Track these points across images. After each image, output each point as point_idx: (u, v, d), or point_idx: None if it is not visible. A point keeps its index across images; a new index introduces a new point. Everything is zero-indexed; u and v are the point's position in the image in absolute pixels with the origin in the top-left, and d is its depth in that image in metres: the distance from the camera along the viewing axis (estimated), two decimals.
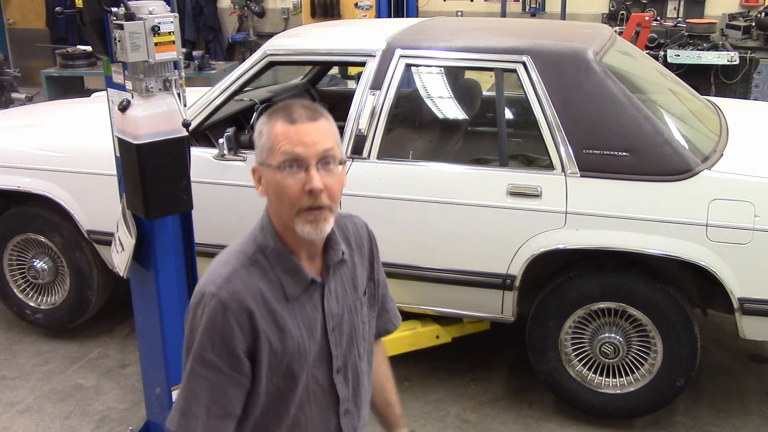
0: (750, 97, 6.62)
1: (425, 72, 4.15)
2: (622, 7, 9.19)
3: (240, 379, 1.52)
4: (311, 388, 1.61)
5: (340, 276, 1.64)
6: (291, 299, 1.55)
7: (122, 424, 3.39)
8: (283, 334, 1.54)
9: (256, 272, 1.53)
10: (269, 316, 1.52)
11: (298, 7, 10.33)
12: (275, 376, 1.55)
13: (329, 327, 1.60)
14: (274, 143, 1.49)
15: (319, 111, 1.54)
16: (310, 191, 1.48)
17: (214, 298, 1.49)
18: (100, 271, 3.85)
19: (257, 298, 1.51)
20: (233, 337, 1.48)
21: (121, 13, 2.45)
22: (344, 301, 1.64)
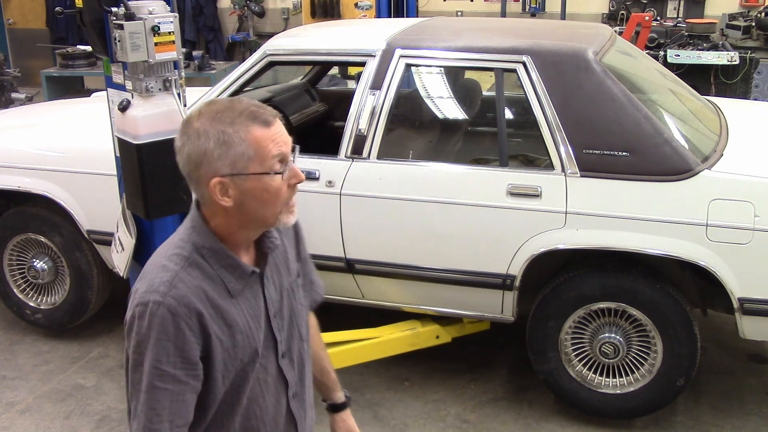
0: (750, 97, 6.62)
1: (425, 72, 4.16)
2: (622, 7, 9.19)
3: (196, 386, 1.49)
4: (261, 376, 1.61)
5: (275, 261, 1.64)
6: (234, 294, 1.53)
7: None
8: (232, 330, 1.52)
9: (197, 273, 1.49)
10: (217, 315, 1.50)
11: (298, 7, 10.33)
12: (228, 373, 1.54)
13: (271, 314, 1.60)
14: (257, 150, 1.46)
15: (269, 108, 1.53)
16: (297, 183, 1.52)
17: (161, 307, 1.44)
18: (100, 271, 3.85)
19: (203, 298, 1.48)
20: (187, 343, 1.45)
21: (121, 13, 2.45)
22: (281, 285, 1.65)
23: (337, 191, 3.30)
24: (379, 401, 3.54)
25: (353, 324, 3.50)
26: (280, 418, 1.67)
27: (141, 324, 1.45)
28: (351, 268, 3.38)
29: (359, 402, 3.54)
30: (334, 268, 3.40)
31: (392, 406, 3.50)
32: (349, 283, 3.45)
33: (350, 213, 3.30)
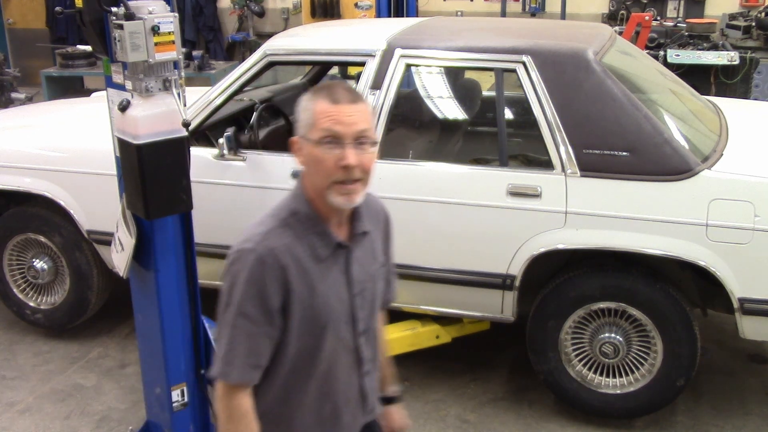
0: (750, 97, 6.61)
1: (425, 72, 4.15)
2: (622, 7, 9.19)
3: (271, 332, 1.65)
4: (338, 348, 1.74)
5: (364, 246, 1.78)
6: (320, 260, 1.68)
7: (122, 424, 3.39)
8: (313, 292, 1.67)
9: (289, 233, 1.66)
10: (301, 273, 1.65)
11: (298, 7, 10.33)
12: (304, 332, 1.68)
13: (354, 291, 1.74)
14: (315, 120, 1.63)
15: (359, 95, 1.69)
16: (345, 167, 1.61)
17: (252, 254, 1.63)
18: (100, 271, 3.85)
19: (290, 255, 1.64)
20: (268, 291, 1.62)
21: (121, 13, 2.44)
22: (367, 269, 1.78)
23: None
24: None
25: None
26: (352, 391, 1.81)
27: (234, 268, 1.65)
28: None
29: None
30: None
31: None
32: None
33: None
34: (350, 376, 1.79)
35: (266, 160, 3.44)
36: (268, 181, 3.40)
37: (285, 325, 1.67)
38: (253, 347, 1.65)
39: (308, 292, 1.66)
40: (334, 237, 1.70)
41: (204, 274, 3.19)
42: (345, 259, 1.73)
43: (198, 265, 2.89)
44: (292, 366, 1.72)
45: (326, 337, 1.71)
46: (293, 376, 1.73)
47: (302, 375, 1.73)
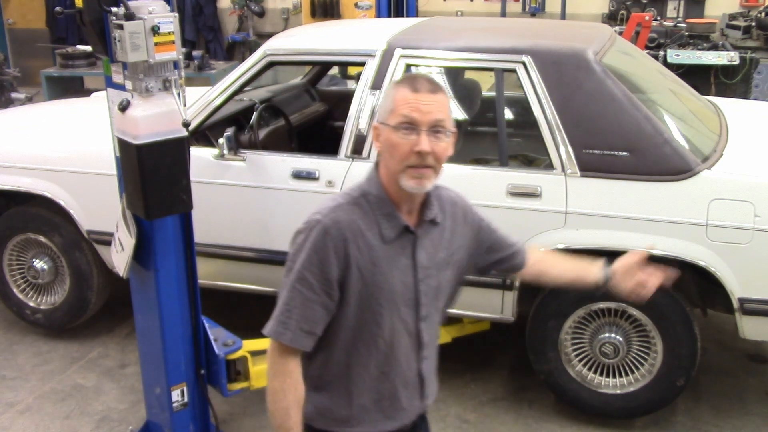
0: (750, 97, 6.62)
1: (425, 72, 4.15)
2: (622, 7, 9.19)
3: (327, 303, 1.73)
4: (400, 330, 1.80)
5: (433, 235, 1.83)
6: (386, 241, 1.75)
7: (122, 424, 3.39)
8: (375, 269, 1.73)
9: (358, 211, 1.74)
10: (364, 249, 1.72)
11: (298, 7, 10.33)
12: (363, 308, 1.75)
13: (419, 277, 1.80)
14: (395, 106, 1.71)
15: (439, 86, 1.75)
16: (419, 152, 1.68)
17: (318, 224, 1.71)
18: (100, 271, 3.85)
19: (355, 230, 1.72)
20: (329, 261, 1.70)
21: (121, 13, 2.45)
22: (435, 258, 1.82)
23: (337, 191, 3.30)
24: None
25: None
26: (411, 375, 1.86)
27: (300, 236, 1.74)
28: None
29: None
30: None
31: None
32: None
33: None
34: (410, 360, 1.84)
35: (266, 160, 3.44)
36: (268, 181, 3.40)
37: (343, 297, 1.73)
38: (308, 314, 1.72)
39: (370, 268, 1.73)
40: (402, 220, 1.76)
41: (204, 274, 3.20)
42: (412, 244, 1.78)
43: (198, 265, 2.89)
44: (352, 341, 1.78)
45: (386, 317, 1.77)
46: (354, 351, 1.79)
47: (363, 351, 1.79)
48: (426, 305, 1.83)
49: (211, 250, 3.50)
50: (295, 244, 1.75)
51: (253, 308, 4.21)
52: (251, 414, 3.46)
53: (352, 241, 1.71)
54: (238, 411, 3.47)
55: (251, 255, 3.50)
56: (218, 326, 3.12)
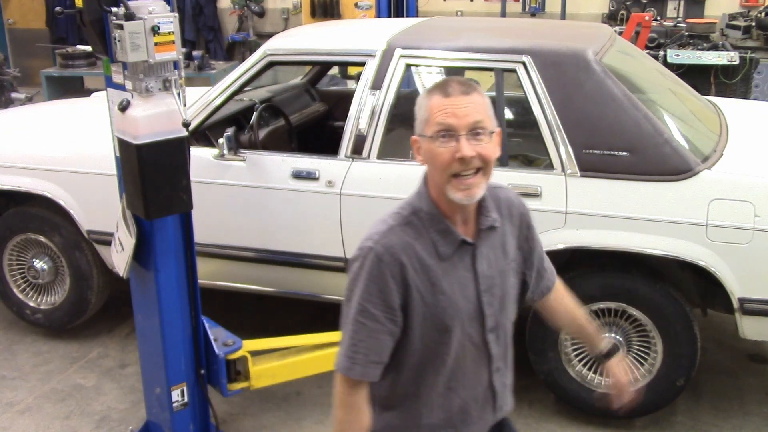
0: (750, 97, 6.61)
1: (425, 72, 4.16)
2: (622, 7, 9.18)
3: (393, 329, 1.68)
4: (466, 345, 1.75)
5: (492, 241, 1.77)
6: (443, 258, 1.69)
7: (122, 424, 3.39)
8: (435, 289, 1.68)
9: (411, 231, 1.68)
10: (422, 271, 1.67)
11: (298, 7, 10.32)
12: (428, 329, 1.70)
13: (482, 288, 1.74)
14: (429, 115, 1.64)
15: (473, 86, 1.66)
16: (461, 159, 1.61)
17: (371, 252, 1.66)
18: (100, 271, 3.85)
19: (410, 253, 1.66)
20: (388, 288, 1.65)
21: (121, 13, 2.45)
22: (496, 265, 1.77)
23: (337, 191, 3.30)
24: None
25: None
26: (480, 388, 1.81)
27: (355, 265, 1.70)
28: None
29: None
30: (334, 268, 3.40)
31: None
32: None
33: (350, 213, 3.30)
34: (479, 373, 1.80)
35: (266, 160, 3.44)
36: (268, 181, 3.40)
37: (407, 322, 1.69)
38: (375, 345, 1.68)
39: (430, 289, 1.68)
40: (457, 234, 1.70)
41: (204, 274, 3.20)
42: (471, 256, 1.73)
43: (198, 265, 2.89)
44: (419, 360, 1.74)
45: (453, 334, 1.72)
46: (421, 370, 1.75)
47: (430, 370, 1.75)
48: (492, 316, 1.77)
49: (211, 250, 3.50)
50: (351, 273, 1.71)
51: (253, 308, 4.22)
52: (251, 414, 3.46)
53: (408, 264, 1.66)
54: (238, 411, 3.47)
55: (251, 255, 3.50)
56: (218, 326, 3.12)
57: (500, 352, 1.82)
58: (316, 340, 3.36)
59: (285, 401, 3.54)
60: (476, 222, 1.74)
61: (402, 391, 1.78)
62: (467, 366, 1.77)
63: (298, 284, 3.55)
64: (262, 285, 3.62)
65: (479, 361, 1.79)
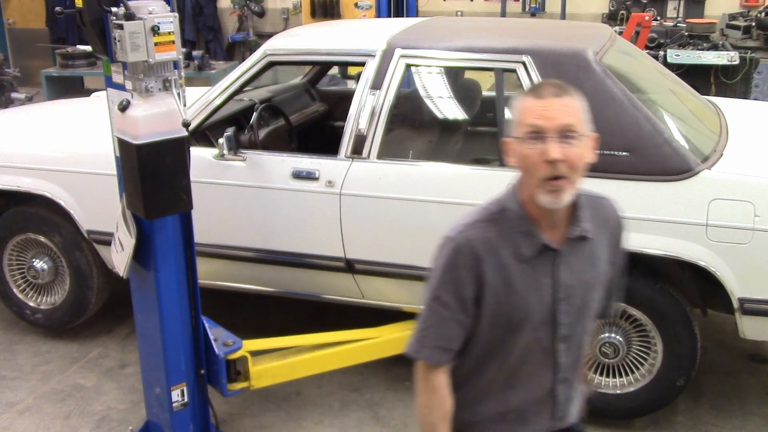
0: (750, 97, 6.61)
1: (425, 72, 4.15)
2: (622, 7, 9.19)
3: (463, 319, 1.72)
4: (533, 348, 1.75)
5: (581, 251, 1.74)
6: (523, 259, 1.69)
7: (122, 424, 3.39)
8: (510, 289, 1.69)
9: (494, 228, 1.70)
10: (498, 268, 1.68)
11: (298, 7, 10.33)
12: (496, 325, 1.72)
13: (560, 296, 1.72)
14: (521, 117, 1.65)
15: (567, 89, 1.65)
16: (549, 161, 1.59)
17: (451, 243, 1.70)
18: (100, 271, 3.85)
19: (489, 249, 1.68)
20: (462, 280, 1.69)
21: (121, 13, 2.45)
22: (581, 275, 1.74)
23: (337, 191, 3.30)
24: (379, 401, 3.54)
25: (353, 324, 3.50)
26: (541, 392, 1.80)
27: (436, 254, 1.74)
28: (351, 268, 3.38)
29: (359, 402, 3.54)
30: (334, 268, 3.40)
31: (392, 406, 3.50)
32: (349, 283, 3.45)
33: (350, 213, 3.30)
34: (542, 378, 1.79)
35: (266, 160, 3.44)
36: (268, 181, 3.40)
37: (477, 314, 1.72)
38: (444, 332, 1.73)
39: (504, 288, 1.69)
40: (541, 239, 1.69)
41: (204, 274, 3.20)
42: (553, 262, 1.71)
43: (198, 265, 2.89)
44: (482, 352, 1.77)
45: (521, 334, 1.73)
46: (483, 361, 1.78)
47: (492, 363, 1.78)
48: (566, 325, 1.75)
49: (211, 250, 3.50)
50: (433, 261, 1.75)
51: (253, 308, 4.22)
52: (251, 414, 3.46)
53: (485, 260, 1.68)
54: (238, 411, 3.47)
55: (251, 255, 3.50)
56: (218, 326, 3.12)
57: (570, 363, 1.80)
58: (316, 340, 3.36)
59: (285, 401, 3.54)
60: (566, 229, 1.72)
61: (464, 376, 1.81)
62: (531, 368, 1.78)
63: (298, 284, 3.55)
64: (262, 285, 3.62)
65: (545, 366, 1.78)
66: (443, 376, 1.77)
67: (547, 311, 1.72)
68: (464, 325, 1.73)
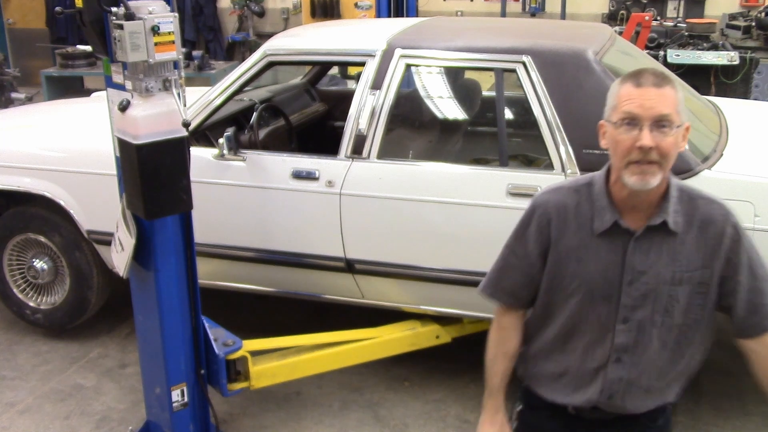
0: (750, 97, 6.62)
1: (425, 72, 4.16)
2: (622, 7, 9.19)
3: (528, 271, 1.88)
4: (591, 321, 1.83)
5: (662, 242, 1.77)
6: (594, 232, 1.78)
7: (122, 424, 3.39)
8: (570, 256, 1.80)
9: (575, 197, 1.82)
10: (564, 234, 1.81)
11: (298, 7, 10.33)
12: (552, 286, 1.85)
13: (625, 278, 1.77)
14: (617, 102, 1.72)
15: (666, 79, 1.71)
16: (640, 147, 1.67)
17: (532, 202, 1.89)
18: (100, 271, 3.85)
19: (562, 214, 1.81)
20: (530, 236, 1.86)
21: (121, 13, 2.45)
22: (656, 265, 1.77)
23: (337, 191, 3.30)
24: (379, 401, 3.54)
25: (353, 324, 3.50)
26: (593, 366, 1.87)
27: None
28: (351, 268, 3.38)
29: (359, 402, 3.54)
30: (334, 268, 3.40)
31: (392, 406, 3.50)
32: (349, 283, 3.45)
33: (350, 213, 3.30)
34: (597, 352, 1.85)
35: (266, 160, 3.44)
36: (268, 181, 3.40)
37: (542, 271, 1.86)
38: (507, 276, 1.92)
39: (566, 253, 1.80)
40: (615, 217, 1.76)
41: (204, 274, 3.20)
42: (625, 243, 1.76)
43: (198, 265, 2.89)
44: (543, 313, 1.90)
45: (572, 302, 1.82)
46: (544, 322, 1.91)
47: (551, 325, 1.90)
48: (629, 308, 1.79)
49: (211, 250, 3.50)
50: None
51: (253, 308, 4.22)
52: (251, 414, 3.46)
53: (554, 223, 1.81)
54: (238, 411, 3.47)
55: (251, 255, 3.50)
56: (218, 326, 3.12)
57: (628, 345, 1.82)
58: (316, 340, 3.36)
59: (285, 401, 3.54)
60: (649, 217, 1.77)
61: (531, 331, 1.97)
62: (587, 339, 1.84)
63: (298, 284, 3.56)
64: (262, 285, 3.62)
65: (601, 342, 1.83)
66: (511, 318, 1.96)
67: (610, 289, 1.78)
68: (529, 276, 1.88)
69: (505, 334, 1.97)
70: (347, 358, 3.39)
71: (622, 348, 1.83)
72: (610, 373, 1.85)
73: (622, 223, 1.76)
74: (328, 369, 3.39)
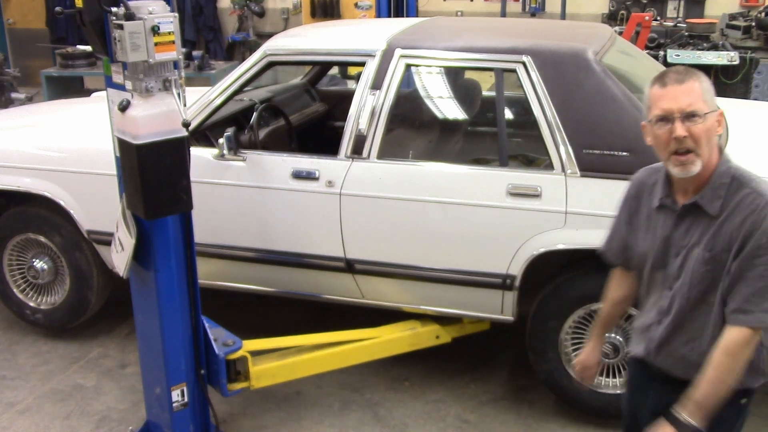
0: (750, 97, 6.62)
1: (425, 72, 4.16)
2: (622, 7, 9.19)
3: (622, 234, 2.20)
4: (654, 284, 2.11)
5: (699, 221, 1.98)
6: (653, 206, 2.08)
7: (122, 424, 3.39)
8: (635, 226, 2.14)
9: (653, 176, 2.12)
10: (638, 207, 2.13)
11: (298, 7, 10.33)
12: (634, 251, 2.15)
13: (671, 251, 2.03)
14: (650, 104, 1.97)
15: (688, 74, 1.93)
16: (675, 138, 1.90)
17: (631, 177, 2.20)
18: (100, 271, 3.85)
19: (639, 189, 2.14)
20: (623, 205, 2.19)
21: (121, 13, 2.45)
22: (690, 241, 1.99)
23: (337, 191, 3.30)
24: (379, 401, 3.54)
25: (353, 324, 3.50)
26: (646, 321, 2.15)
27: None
28: (351, 268, 3.38)
29: (359, 402, 3.54)
30: (334, 268, 3.40)
31: (392, 406, 3.50)
32: (349, 283, 3.45)
33: (350, 213, 3.30)
34: (651, 312, 2.13)
35: (266, 160, 3.44)
36: (268, 181, 3.40)
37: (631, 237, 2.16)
38: (612, 237, 2.24)
39: (639, 223, 2.12)
40: (663, 193, 2.04)
41: (204, 274, 3.20)
42: (672, 218, 2.02)
43: (198, 265, 2.89)
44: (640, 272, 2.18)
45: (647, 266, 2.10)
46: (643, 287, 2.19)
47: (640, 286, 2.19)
48: (673, 277, 2.03)
49: (211, 250, 3.50)
50: None
51: (253, 308, 4.22)
52: (251, 414, 3.46)
53: (635, 195, 2.14)
54: (238, 411, 3.47)
55: (251, 255, 3.50)
56: (218, 326, 3.12)
57: (664, 308, 2.07)
58: (316, 340, 3.36)
59: (285, 401, 3.54)
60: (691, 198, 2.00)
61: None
62: (652, 300, 2.13)
63: (298, 284, 3.56)
64: (262, 285, 3.62)
65: (656, 304, 2.11)
66: (618, 273, 2.30)
67: (660, 261, 2.06)
68: (623, 240, 2.19)
69: (613, 284, 2.33)
70: (347, 358, 3.39)
71: (664, 311, 2.07)
72: (652, 332, 2.11)
73: (668, 202, 2.02)
74: (328, 369, 3.39)
